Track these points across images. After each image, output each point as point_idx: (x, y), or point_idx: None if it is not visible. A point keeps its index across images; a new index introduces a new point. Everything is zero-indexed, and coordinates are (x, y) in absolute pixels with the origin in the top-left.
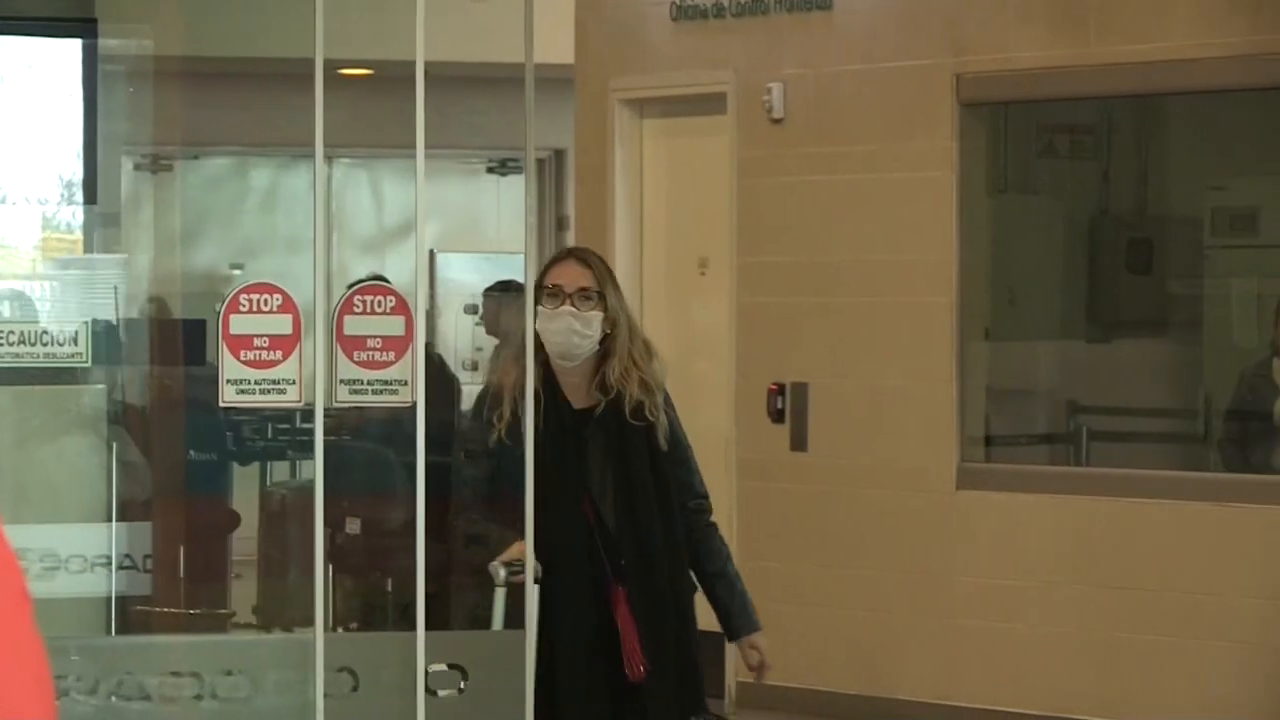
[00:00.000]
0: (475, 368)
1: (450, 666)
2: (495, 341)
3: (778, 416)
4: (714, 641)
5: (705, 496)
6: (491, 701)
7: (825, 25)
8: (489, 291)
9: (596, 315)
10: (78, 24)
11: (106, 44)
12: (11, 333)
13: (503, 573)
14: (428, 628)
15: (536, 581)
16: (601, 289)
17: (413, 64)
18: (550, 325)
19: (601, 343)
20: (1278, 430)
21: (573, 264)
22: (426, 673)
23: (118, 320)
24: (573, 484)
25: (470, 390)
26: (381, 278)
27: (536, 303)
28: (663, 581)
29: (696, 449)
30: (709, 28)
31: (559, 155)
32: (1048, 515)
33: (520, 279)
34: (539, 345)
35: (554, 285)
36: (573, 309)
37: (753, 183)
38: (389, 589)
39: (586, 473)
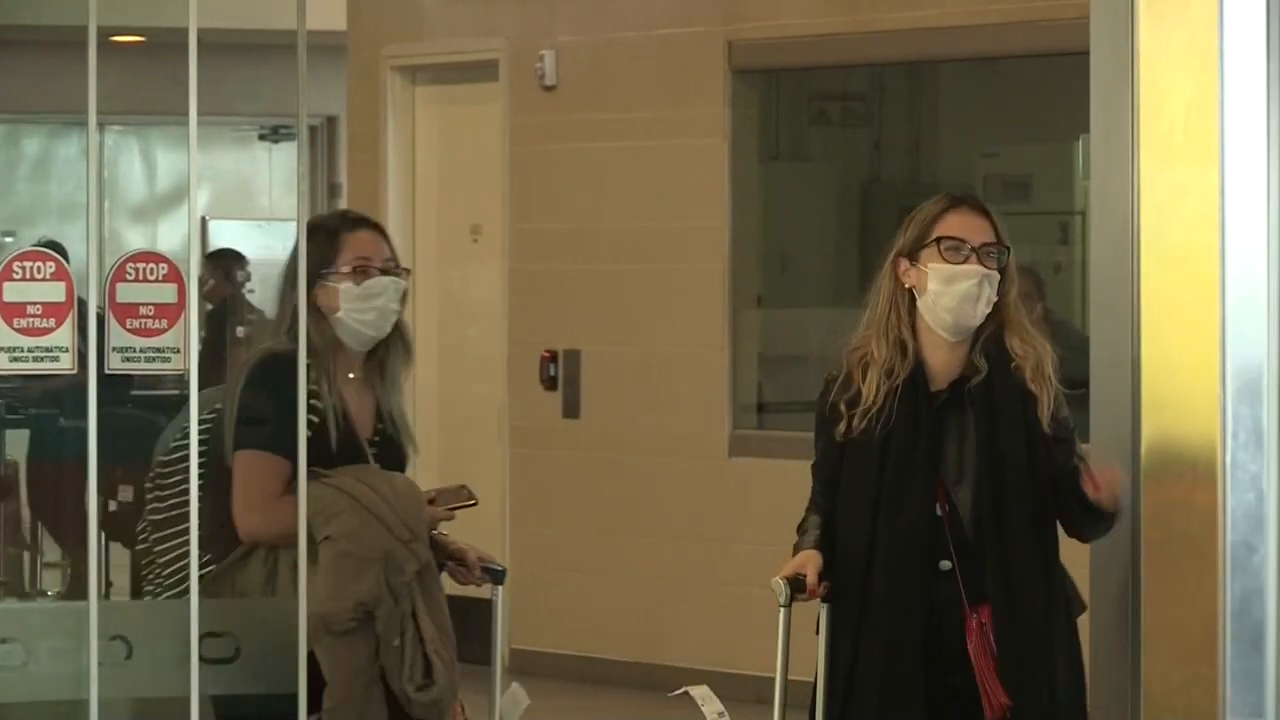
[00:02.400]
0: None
1: (223, 634)
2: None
3: (550, 384)
4: (481, 608)
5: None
6: (265, 669)
7: None
8: (210, 257)
9: (997, 277)
10: None
11: None
12: None
13: (786, 590)
14: (201, 596)
15: (827, 601)
16: (1006, 245)
17: (185, 30)
18: (949, 288)
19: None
20: None
21: (971, 214)
22: (200, 640)
23: None
24: (921, 473)
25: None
26: (54, 244)
27: (912, 260)
28: (1031, 595)
29: (468, 417)
30: None
31: (331, 122)
32: None
33: (291, 245)
34: (915, 312)
35: (954, 238)
36: (983, 267)
37: (525, 150)
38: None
39: (940, 459)
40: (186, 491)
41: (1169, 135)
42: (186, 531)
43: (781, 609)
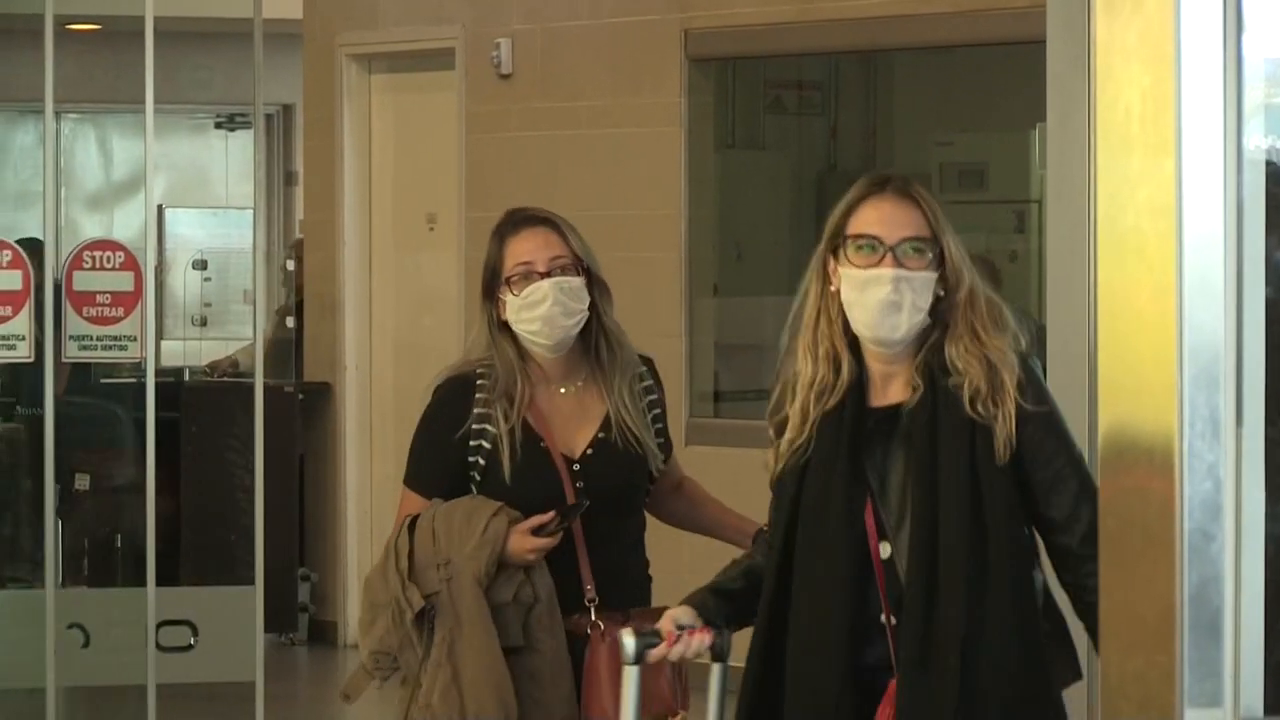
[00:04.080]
0: (205, 323)
1: (180, 622)
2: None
3: None
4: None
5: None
6: (221, 656)
7: None
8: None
9: (928, 277)
10: None
11: None
12: None
13: (631, 645)
14: (158, 583)
15: (719, 659)
16: (938, 236)
17: (141, 19)
18: (862, 296)
19: (932, 311)
20: None
21: (891, 201)
22: (157, 628)
23: None
24: (846, 512)
25: (207, 348)
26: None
27: (834, 256)
28: (946, 677)
29: (423, 406)
30: None
31: (287, 110)
32: None
33: (248, 233)
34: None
35: (866, 235)
36: (902, 269)
37: (481, 138)
38: (119, 544)
39: (877, 496)
40: None
41: (1125, 124)
42: None
43: (627, 668)
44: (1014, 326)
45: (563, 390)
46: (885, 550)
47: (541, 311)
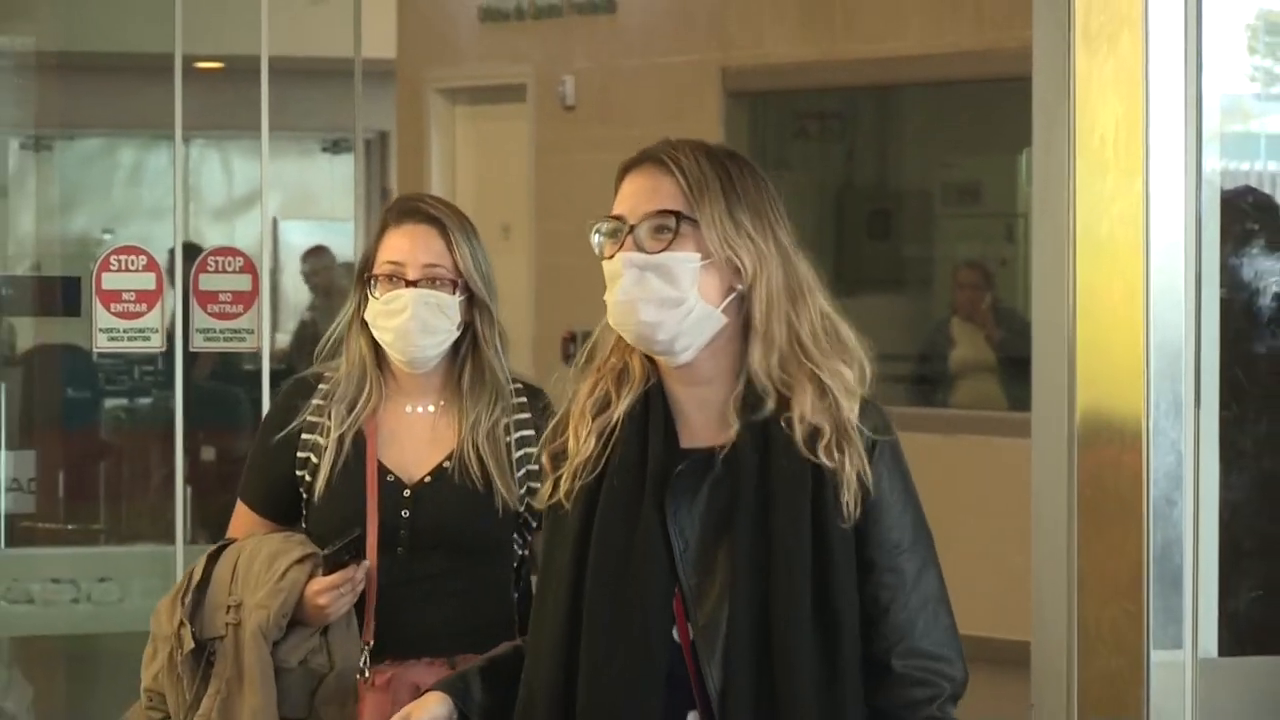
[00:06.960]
0: (314, 323)
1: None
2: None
3: (570, 360)
4: None
5: (938, 658)
6: None
7: (610, 25)
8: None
9: (683, 259)
10: None
11: None
12: None
13: None
14: None
15: None
16: (695, 207)
17: (258, 58)
18: (610, 295)
19: (741, 315)
20: (953, 376)
21: (646, 171)
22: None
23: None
24: (644, 581)
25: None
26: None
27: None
28: None
29: None
30: (510, 28)
31: (383, 136)
32: None
33: (350, 241)
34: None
35: (615, 218)
36: (638, 252)
37: (548, 160)
38: None
39: (679, 560)
40: None
41: (1100, 149)
42: None
43: None
44: (854, 344)
45: (416, 409)
46: (689, 632)
47: (397, 323)
